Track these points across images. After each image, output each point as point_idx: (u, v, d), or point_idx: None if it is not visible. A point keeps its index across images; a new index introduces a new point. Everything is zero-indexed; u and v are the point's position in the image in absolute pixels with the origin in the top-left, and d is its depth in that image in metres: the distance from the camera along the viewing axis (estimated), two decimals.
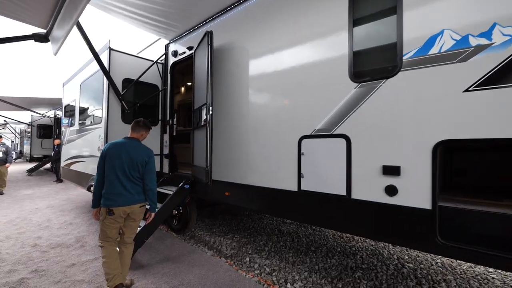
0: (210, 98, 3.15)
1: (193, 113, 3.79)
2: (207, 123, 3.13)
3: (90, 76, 4.83)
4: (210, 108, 3.13)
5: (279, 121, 2.88)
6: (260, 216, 5.42)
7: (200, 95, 3.55)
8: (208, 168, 3.11)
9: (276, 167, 2.89)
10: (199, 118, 3.50)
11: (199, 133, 3.52)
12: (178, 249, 3.70)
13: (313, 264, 3.38)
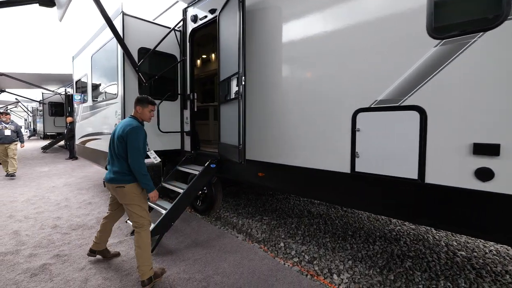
0: (242, 67, 2.70)
1: (219, 85, 3.36)
2: (240, 96, 2.71)
3: (102, 47, 4.39)
4: (243, 79, 2.70)
5: (328, 92, 2.44)
6: (285, 196, 5.14)
7: (228, 64, 3.10)
8: (241, 147, 2.74)
9: (323, 145, 2.50)
10: (227, 90, 3.08)
11: (228, 107, 3.11)
12: (206, 232, 3.47)
13: (355, 251, 3.09)
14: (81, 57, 5.73)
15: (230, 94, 3.03)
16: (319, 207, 4.62)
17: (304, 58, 2.62)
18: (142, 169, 2.27)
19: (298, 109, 2.67)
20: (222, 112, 3.34)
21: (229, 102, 3.07)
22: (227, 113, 3.15)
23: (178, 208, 3.20)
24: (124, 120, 2.39)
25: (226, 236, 3.36)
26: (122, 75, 3.58)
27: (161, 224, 3.03)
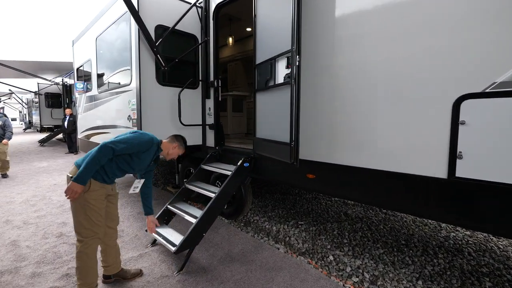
0: (296, 43, 2.15)
1: (256, 69, 2.81)
2: (293, 80, 2.17)
3: (109, 26, 3.77)
4: (297, 58, 2.15)
5: (416, 74, 1.90)
6: (314, 195, 4.65)
7: (271, 43, 2.55)
8: (293, 144, 2.21)
9: (405, 143, 1.98)
10: (271, 74, 2.53)
11: (271, 95, 2.57)
12: (239, 242, 2.97)
13: (418, 266, 2.62)
14: (83, 41, 5.09)
15: (275, 78, 2.49)
16: (355, 208, 4.15)
17: (380, 32, 2.07)
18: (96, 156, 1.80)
19: (368, 96, 2.13)
20: (260, 101, 2.80)
21: (273, 88, 2.52)
22: (269, 102, 2.61)
23: (211, 216, 2.70)
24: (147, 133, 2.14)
25: (264, 247, 2.87)
26: (137, 57, 3.00)
27: (192, 236, 2.52)
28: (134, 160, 1.99)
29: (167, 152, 2.21)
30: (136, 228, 3.29)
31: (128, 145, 1.89)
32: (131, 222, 3.47)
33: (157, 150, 2.13)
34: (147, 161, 2.09)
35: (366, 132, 2.16)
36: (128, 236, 3.09)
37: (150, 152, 2.06)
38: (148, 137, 2.02)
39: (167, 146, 2.20)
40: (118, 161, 1.94)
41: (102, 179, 1.93)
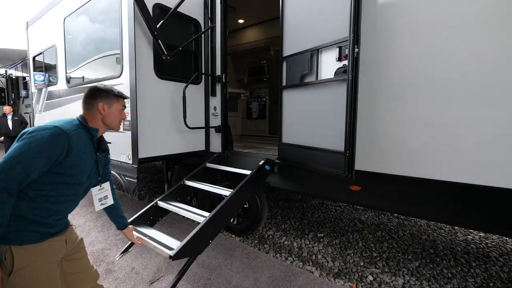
0: (354, 30, 1.76)
1: (285, 62, 2.38)
2: (351, 75, 1.78)
3: (87, 2, 2.98)
4: (355, 49, 1.76)
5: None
6: (320, 202, 4.36)
7: (307, 30, 2.14)
8: (349, 153, 1.83)
9: (493, 151, 1.70)
10: (309, 68, 2.11)
11: (311, 93, 2.16)
12: (263, 267, 2.52)
13: (458, 279, 2.45)
14: (43, 23, 4.11)
15: (318, 73, 2.08)
16: (366, 213, 3.94)
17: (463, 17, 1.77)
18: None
19: (442, 96, 1.82)
20: (290, 101, 2.37)
21: (315, 85, 2.11)
22: (307, 102, 2.19)
23: (222, 220, 2.21)
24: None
25: (295, 272, 2.46)
26: (133, 44, 2.35)
27: (196, 240, 1.97)
28: (66, 171, 1.15)
29: (103, 122, 1.32)
30: (130, 258, 2.64)
31: (25, 162, 1.01)
32: (120, 250, 2.79)
33: (86, 134, 1.24)
34: (86, 157, 1.23)
35: (439, 139, 1.86)
36: (122, 271, 2.45)
37: (75, 145, 1.15)
38: (49, 129, 1.09)
39: (94, 115, 1.30)
40: (41, 190, 1.11)
41: (36, 235, 1.12)
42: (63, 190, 1.17)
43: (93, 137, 1.28)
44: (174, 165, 4.35)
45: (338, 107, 1.89)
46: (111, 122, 1.35)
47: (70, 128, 1.16)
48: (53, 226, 1.19)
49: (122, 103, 1.38)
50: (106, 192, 1.46)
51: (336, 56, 1.91)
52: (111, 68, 2.77)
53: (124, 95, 1.40)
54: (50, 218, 1.16)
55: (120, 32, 2.51)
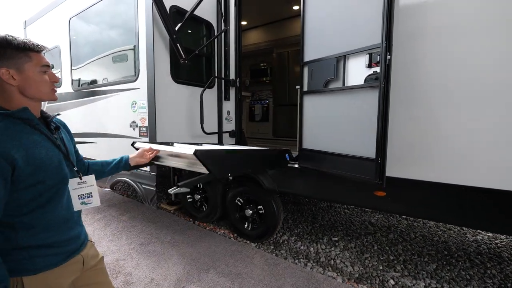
0: (386, 37, 1.75)
1: (307, 67, 2.36)
2: (382, 81, 1.77)
3: (97, 2, 2.86)
4: (387, 56, 1.76)
5: None
6: (328, 205, 4.37)
7: (331, 36, 2.13)
8: (380, 160, 1.83)
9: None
10: (335, 74, 2.10)
11: (335, 99, 2.15)
12: (285, 274, 2.49)
13: (477, 280, 2.48)
14: (44, 22, 3.95)
15: (344, 79, 2.06)
16: (375, 215, 3.97)
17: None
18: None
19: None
20: (313, 106, 2.36)
21: (341, 91, 2.10)
22: (332, 108, 2.18)
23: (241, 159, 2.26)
24: None
25: (317, 278, 2.44)
26: (151, 47, 2.27)
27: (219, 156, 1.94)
28: (36, 179, 0.89)
29: (23, 95, 0.92)
30: (148, 269, 2.56)
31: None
32: (136, 260, 2.71)
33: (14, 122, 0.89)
34: (41, 150, 0.92)
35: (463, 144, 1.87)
36: (141, 283, 2.36)
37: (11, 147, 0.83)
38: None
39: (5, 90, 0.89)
40: (31, 211, 0.91)
41: (51, 259, 0.95)
42: (55, 197, 0.96)
43: (30, 121, 0.92)
44: (181, 170, 4.28)
45: (368, 113, 1.89)
46: (35, 92, 0.93)
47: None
48: (69, 240, 1.01)
49: (39, 60, 0.93)
50: (89, 189, 1.10)
51: (366, 63, 1.90)
52: (125, 72, 2.68)
53: (37, 45, 0.93)
54: (61, 231, 0.98)
55: (136, 34, 2.43)
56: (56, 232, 0.97)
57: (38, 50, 0.94)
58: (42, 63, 0.94)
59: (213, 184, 3.37)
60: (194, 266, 2.59)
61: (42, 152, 0.92)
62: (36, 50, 0.93)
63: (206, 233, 3.30)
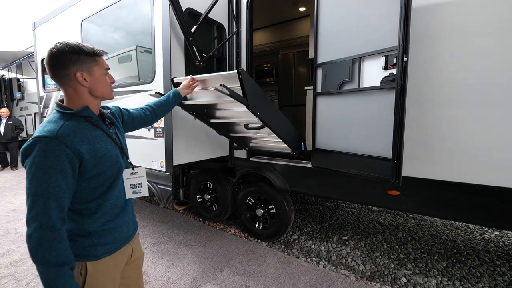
0: (403, 39, 1.79)
1: (319, 69, 2.40)
2: (398, 83, 1.81)
3: (112, 4, 2.89)
4: (404, 58, 1.80)
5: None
6: (335, 204, 4.41)
7: (345, 38, 2.17)
8: (397, 160, 1.87)
9: None
10: (350, 76, 2.14)
11: (350, 100, 2.19)
12: (299, 272, 2.53)
13: (487, 278, 2.53)
14: (54, 24, 3.97)
15: (360, 81, 2.10)
16: (382, 215, 4.01)
17: None
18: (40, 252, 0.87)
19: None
20: (326, 107, 2.39)
21: (356, 93, 2.14)
22: (346, 109, 2.21)
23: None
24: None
25: (331, 276, 2.48)
26: (168, 49, 2.31)
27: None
28: (100, 170, 1.01)
29: (91, 94, 1.04)
30: (163, 268, 2.59)
31: (44, 192, 0.87)
32: (151, 259, 2.74)
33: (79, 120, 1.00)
34: (101, 144, 1.03)
35: (477, 143, 1.91)
36: (158, 281, 2.40)
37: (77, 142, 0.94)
38: (34, 145, 0.89)
39: (77, 90, 1.00)
40: (96, 198, 1.03)
41: (109, 246, 1.07)
42: (113, 186, 1.07)
43: (90, 118, 1.03)
44: (190, 170, 4.31)
45: (384, 114, 1.93)
46: (101, 91, 1.06)
47: (53, 129, 0.91)
48: (123, 226, 1.12)
49: (103, 63, 1.06)
50: (140, 179, 1.20)
51: (382, 65, 1.94)
52: (140, 71, 2.71)
53: (101, 50, 1.05)
54: (118, 217, 1.10)
55: (152, 36, 2.46)
56: (116, 216, 1.09)
57: (102, 55, 1.06)
58: (105, 66, 1.08)
59: (223, 185, 3.41)
60: (209, 265, 2.63)
61: (102, 146, 1.03)
62: (101, 55, 1.06)
63: (217, 233, 3.33)
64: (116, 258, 1.10)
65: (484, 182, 1.89)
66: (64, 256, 0.89)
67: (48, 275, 0.86)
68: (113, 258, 1.09)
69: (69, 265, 0.90)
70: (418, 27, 2.02)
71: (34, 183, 0.87)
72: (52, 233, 0.87)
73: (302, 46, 5.27)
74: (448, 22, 1.95)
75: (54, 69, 0.98)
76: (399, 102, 1.83)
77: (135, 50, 2.82)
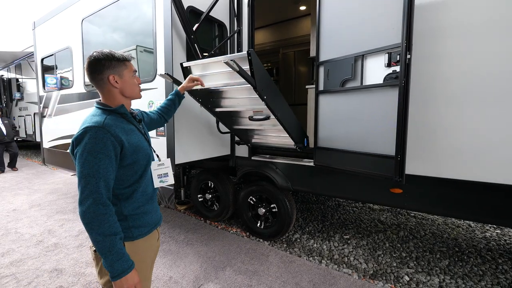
0: (406, 36, 1.79)
1: (321, 67, 2.39)
2: (402, 81, 1.81)
3: (112, 3, 2.88)
4: (407, 55, 1.79)
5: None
6: (336, 203, 4.40)
7: (348, 35, 2.17)
8: (400, 157, 1.86)
9: None
10: (353, 74, 2.13)
11: (352, 98, 2.18)
12: (301, 271, 2.52)
13: (489, 276, 2.52)
14: (53, 24, 3.96)
15: (362, 78, 2.10)
16: (384, 213, 4.01)
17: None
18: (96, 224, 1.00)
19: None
20: (328, 105, 2.39)
21: (359, 90, 2.13)
22: (349, 107, 2.21)
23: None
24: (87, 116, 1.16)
25: (334, 275, 2.47)
26: (170, 47, 2.29)
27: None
28: (135, 159, 1.15)
29: (123, 95, 1.20)
30: (165, 267, 2.58)
31: (95, 172, 1.01)
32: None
33: (116, 116, 1.16)
34: (135, 136, 1.18)
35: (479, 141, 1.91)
36: (160, 281, 2.39)
37: (118, 132, 1.09)
38: (85, 132, 1.03)
39: (111, 91, 1.17)
40: (132, 184, 1.16)
41: (143, 230, 1.20)
42: (144, 174, 1.22)
43: (125, 115, 1.19)
44: (190, 170, 4.30)
45: (387, 111, 1.92)
46: (131, 92, 1.22)
47: (99, 120, 1.07)
48: (153, 212, 1.27)
49: (131, 67, 1.21)
50: (166, 170, 1.38)
51: (385, 62, 1.93)
52: (140, 70, 2.70)
53: (129, 56, 1.21)
54: (149, 202, 1.25)
55: (154, 35, 2.45)
56: (146, 202, 1.23)
57: (130, 60, 1.22)
58: (133, 69, 1.23)
59: (224, 184, 3.40)
60: (211, 264, 2.62)
61: (136, 138, 1.18)
62: (129, 60, 1.21)
63: (218, 232, 3.32)
64: (148, 241, 1.24)
65: (488, 179, 1.88)
66: (115, 227, 1.04)
67: (104, 243, 1.00)
68: (145, 240, 1.22)
69: (119, 235, 1.05)
70: (421, 25, 2.01)
71: (86, 166, 1.01)
72: (105, 208, 1.01)
73: (302, 45, 5.26)
74: (451, 20, 1.95)
75: (92, 75, 1.15)
76: (403, 100, 1.82)
77: (135, 49, 2.81)
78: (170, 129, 2.41)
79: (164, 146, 2.47)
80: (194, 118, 2.67)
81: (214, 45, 2.94)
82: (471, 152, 1.92)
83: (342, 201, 4.48)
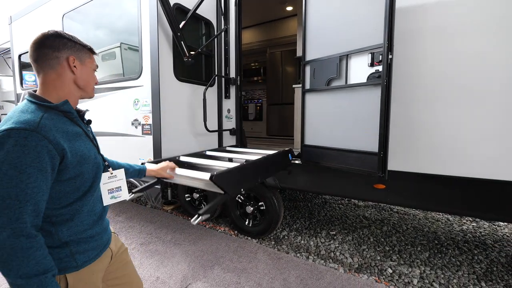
0: (387, 37, 1.86)
1: (307, 66, 2.44)
2: (384, 80, 1.88)
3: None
4: (389, 55, 1.87)
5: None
6: (322, 200, 4.49)
7: (332, 36, 2.22)
8: (383, 154, 1.94)
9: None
10: (337, 73, 2.19)
11: (337, 96, 2.24)
12: (289, 267, 2.56)
13: (466, 266, 2.66)
14: (32, 19, 3.80)
15: (347, 78, 2.16)
16: (368, 210, 4.13)
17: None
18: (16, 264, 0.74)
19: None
20: (314, 104, 2.44)
21: (343, 89, 2.19)
22: (333, 105, 2.27)
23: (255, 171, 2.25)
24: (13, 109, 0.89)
25: (320, 269, 2.53)
26: (156, 45, 2.27)
27: (234, 176, 1.91)
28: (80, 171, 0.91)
29: (76, 84, 0.97)
30: (152, 267, 2.55)
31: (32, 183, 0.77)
32: (139, 260, 2.69)
33: (57, 113, 0.90)
34: (81, 142, 0.94)
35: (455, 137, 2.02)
36: (146, 282, 2.36)
37: (60, 137, 0.85)
38: (7, 137, 0.76)
39: (61, 76, 0.93)
40: (73, 203, 0.92)
41: (90, 254, 0.97)
42: (90, 190, 0.97)
43: (70, 114, 0.93)
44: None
45: (370, 109, 1.99)
46: (87, 85, 1.00)
47: (32, 120, 0.80)
48: (102, 233, 1.04)
49: (94, 61, 1.04)
50: (119, 183, 1.13)
51: (368, 62, 2.01)
52: (131, 69, 2.65)
53: (93, 50, 1.05)
54: (96, 224, 1.00)
55: (139, 32, 2.41)
56: (92, 225, 0.99)
57: (95, 53, 1.07)
58: (95, 63, 1.06)
59: None
60: (199, 264, 2.61)
61: (82, 145, 0.94)
62: (94, 53, 1.06)
63: (206, 231, 3.31)
64: (98, 264, 1.01)
65: (463, 174, 1.99)
66: (45, 262, 0.79)
67: (23, 276, 0.74)
68: (96, 264, 1.00)
69: (51, 272, 0.81)
70: (402, 26, 2.10)
71: (6, 184, 0.74)
72: (29, 241, 0.76)
73: (289, 45, 5.33)
74: (429, 23, 2.04)
75: (43, 49, 0.90)
76: (385, 98, 1.89)
77: (119, 47, 2.76)
78: (156, 128, 2.39)
79: (151, 144, 2.44)
80: (181, 116, 2.65)
81: (202, 44, 2.93)
82: (448, 149, 2.03)
83: (329, 199, 4.57)
